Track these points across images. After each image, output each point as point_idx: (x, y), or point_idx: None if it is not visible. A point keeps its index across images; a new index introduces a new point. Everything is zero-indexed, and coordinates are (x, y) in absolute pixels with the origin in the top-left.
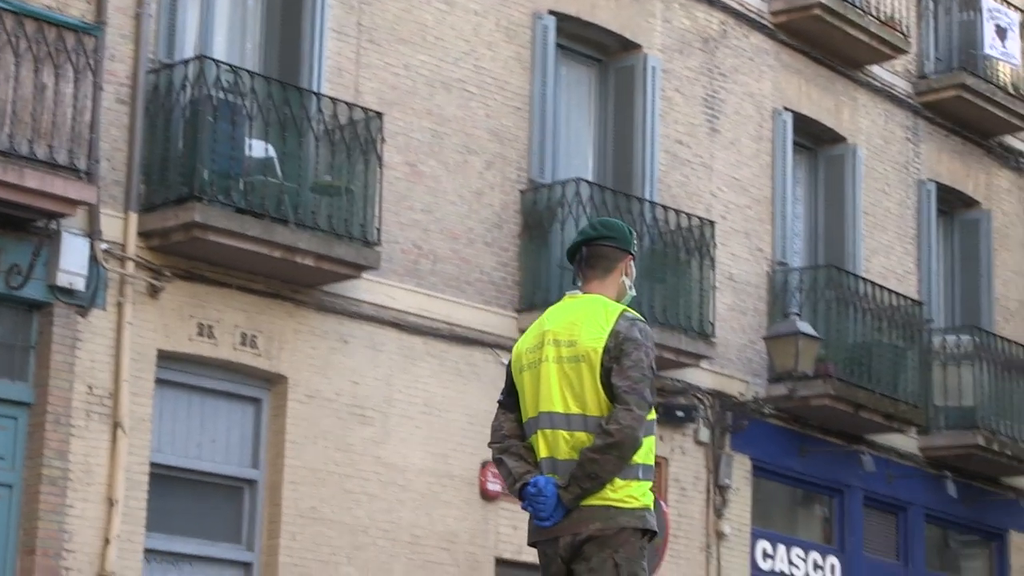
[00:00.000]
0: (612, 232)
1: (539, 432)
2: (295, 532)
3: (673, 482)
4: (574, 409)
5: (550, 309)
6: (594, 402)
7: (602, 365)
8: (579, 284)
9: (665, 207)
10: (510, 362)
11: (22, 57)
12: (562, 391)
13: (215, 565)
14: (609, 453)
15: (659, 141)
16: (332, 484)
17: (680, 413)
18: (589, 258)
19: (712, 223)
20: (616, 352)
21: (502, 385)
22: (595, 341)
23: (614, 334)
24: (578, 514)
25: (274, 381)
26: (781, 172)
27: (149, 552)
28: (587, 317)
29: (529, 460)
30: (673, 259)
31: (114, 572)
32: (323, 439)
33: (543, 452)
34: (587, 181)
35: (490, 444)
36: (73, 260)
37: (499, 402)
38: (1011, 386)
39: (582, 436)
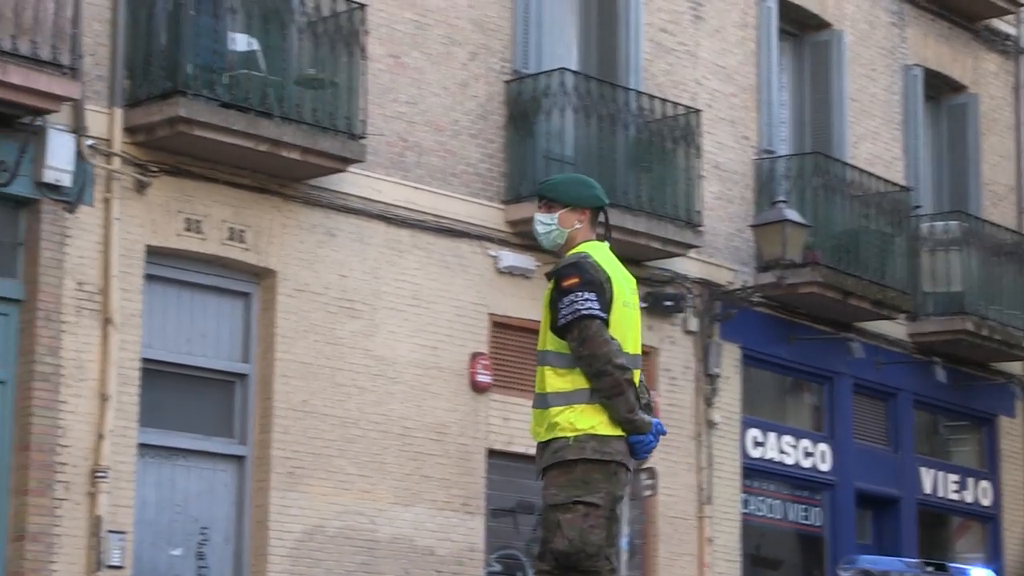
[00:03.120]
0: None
1: (635, 371)
2: (287, 426)
3: (663, 372)
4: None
5: (600, 250)
6: None
7: None
8: (597, 236)
9: (650, 96)
10: (610, 283)
11: None
12: (638, 339)
13: (208, 459)
14: None
15: (643, 29)
16: (322, 377)
17: (668, 303)
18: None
19: (698, 111)
20: None
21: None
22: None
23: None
24: None
25: (263, 275)
26: (766, 59)
27: (142, 447)
28: (627, 274)
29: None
30: (659, 148)
31: (108, 467)
32: (312, 333)
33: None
34: (571, 71)
35: (620, 364)
36: (59, 156)
37: (604, 319)
38: (999, 271)
39: None
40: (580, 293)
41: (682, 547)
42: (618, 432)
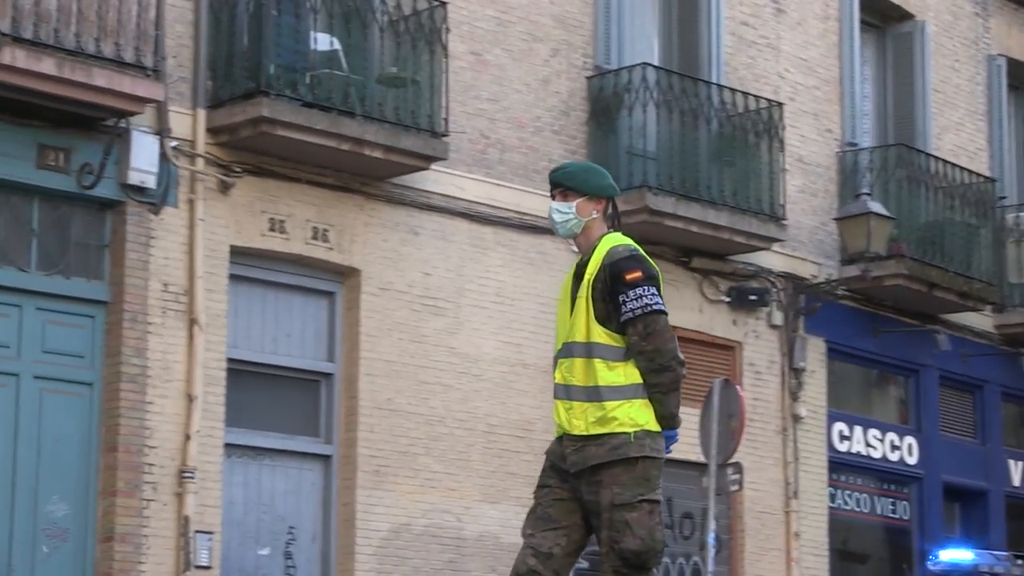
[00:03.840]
0: None
1: None
2: (372, 424)
3: (748, 366)
4: None
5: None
6: None
7: None
8: (614, 227)
9: (732, 90)
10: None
11: None
12: None
13: (294, 458)
14: None
15: (724, 23)
16: (407, 376)
17: (753, 297)
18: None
19: (780, 105)
20: None
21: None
22: None
23: None
24: None
25: (347, 274)
26: (849, 51)
27: (228, 447)
28: None
29: None
30: (741, 142)
31: (195, 467)
32: (397, 331)
33: None
34: (653, 66)
35: (682, 359)
36: (143, 158)
37: (667, 314)
38: None
39: None
40: (646, 287)
41: (769, 542)
42: (658, 428)
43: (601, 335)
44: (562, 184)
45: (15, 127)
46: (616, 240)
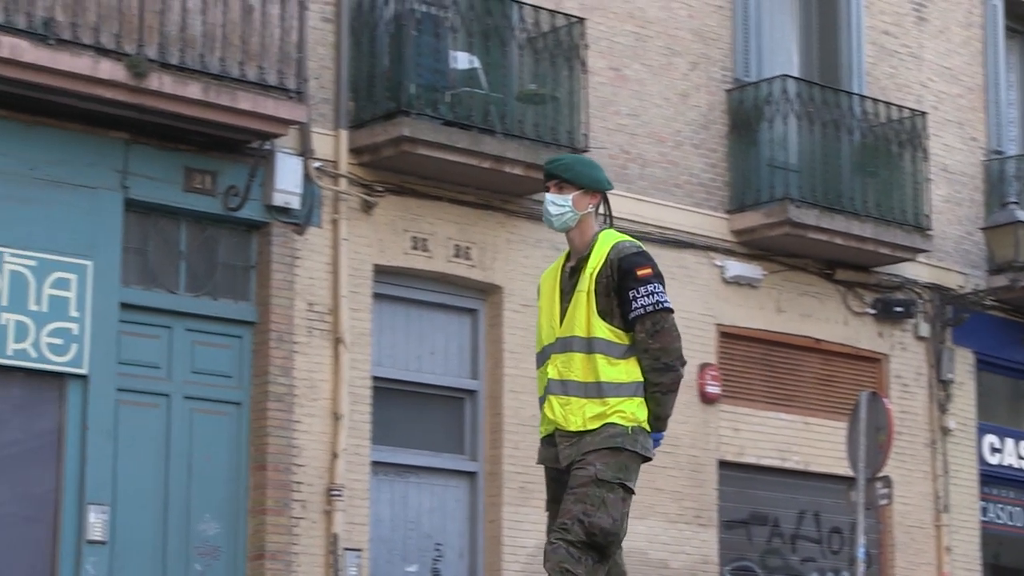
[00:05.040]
0: None
1: None
2: (517, 441)
3: (895, 378)
4: None
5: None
6: None
7: None
8: (607, 224)
9: (874, 100)
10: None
11: None
12: None
13: (440, 476)
14: None
15: (865, 32)
16: None
17: (898, 308)
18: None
19: (924, 114)
20: None
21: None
22: None
23: None
24: None
25: (489, 291)
26: (993, 58)
27: (375, 464)
28: None
29: None
30: (884, 152)
31: (342, 485)
32: None
33: None
34: (793, 77)
35: (684, 361)
36: (288, 179)
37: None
38: None
39: None
40: (656, 284)
41: (920, 556)
42: (649, 429)
43: (603, 330)
44: (558, 176)
45: (163, 151)
46: (619, 236)
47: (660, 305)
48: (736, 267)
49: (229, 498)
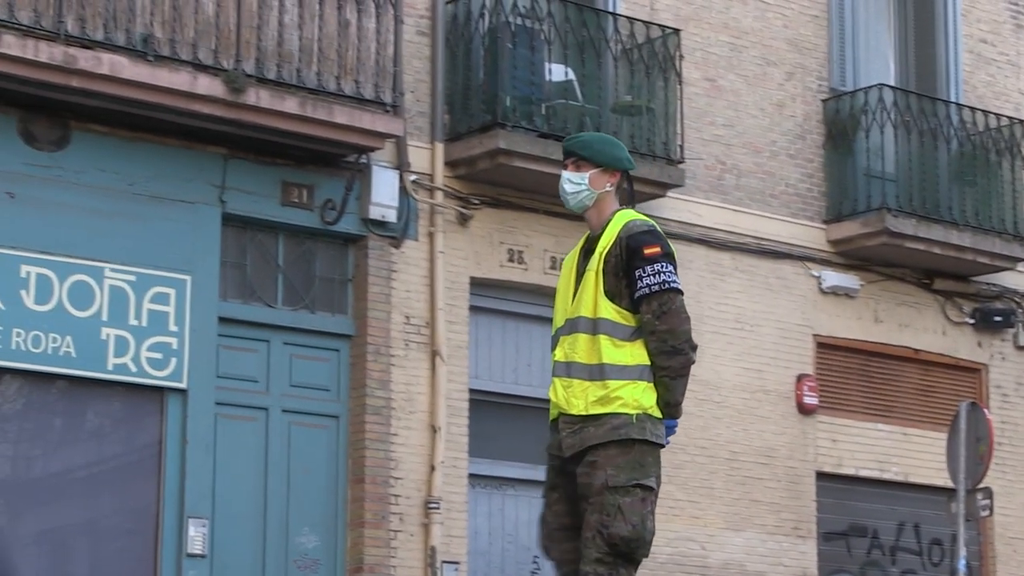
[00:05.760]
0: None
1: None
2: None
3: (995, 388)
4: None
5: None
6: None
7: None
8: (629, 204)
9: (972, 108)
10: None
11: None
12: None
13: (537, 488)
14: None
15: (962, 41)
16: None
17: (998, 318)
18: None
19: (1022, 122)
20: None
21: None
22: None
23: None
24: None
25: None
26: None
27: (472, 477)
28: None
29: None
30: (983, 161)
31: (440, 498)
32: None
33: None
34: (890, 86)
35: (695, 344)
36: (384, 192)
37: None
38: None
39: None
40: (664, 264)
41: (1021, 568)
42: (659, 414)
43: (609, 311)
44: (575, 153)
45: (260, 165)
46: (632, 215)
47: (667, 285)
48: (833, 277)
49: (327, 511)
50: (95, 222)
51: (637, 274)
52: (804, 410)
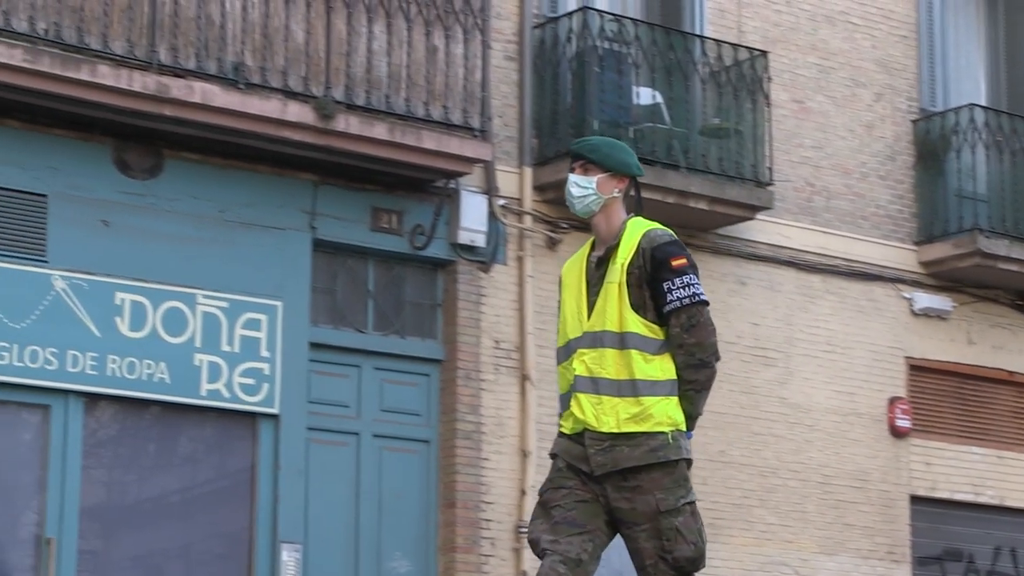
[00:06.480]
0: None
1: None
2: (705, 477)
3: None
4: None
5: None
6: None
7: None
8: (637, 213)
9: None
10: None
11: (413, 21)
12: None
13: None
14: None
15: None
16: (739, 427)
17: None
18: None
19: None
20: None
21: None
22: None
23: None
24: None
25: None
26: None
27: None
28: None
29: None
30: None
31: None
32: (727, 382)
33: None
34: (981, 106)
35: (719, 357)
36: (473, 217)
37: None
38: None
39: None
40: (692, 276)
41: None
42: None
43: (637, 324)
44: (583, 156)
45: (350, 191)
46: (649, 224)
47: (696, 298)
48: (925, 299)
49: (419, 536)
50: (188, 249)
51: (666, 287)
52: (897, 433)
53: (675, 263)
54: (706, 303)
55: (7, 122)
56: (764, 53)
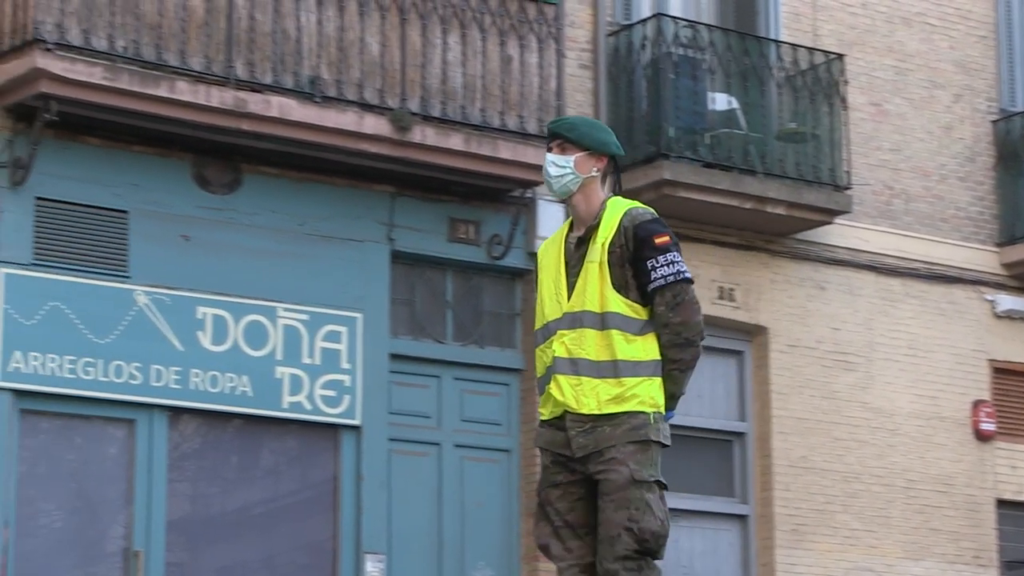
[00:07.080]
0: None
1: None
2: (788, 483)
3: None
4: None
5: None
6: None
7: None
8: (616, 193)
9: None
10: None
11: (488, 32)
12: None
13: (711, 519)
14: None
15: None
16: (820, 432)
17: None
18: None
19: None
20: None
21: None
22: None
23: None
24: None
25: (754, 332)
26: None
27: None
28: None
29: None
30: None
31: None
32: (808, 388)
33: None
34: None
35: (704, 336)
36: (549, 226)
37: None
38: None
39: None
40: (675, 253)
41: None
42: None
43: (619, 304)
44: (561, 135)
45: (427, 202)
46: (630, 203)
47: (681, 275)
48: (1008, 301)
49: (502, 544)
50: (267, 262)
51: (650, 264)
52: (981, 436)
53: (658, 240)
54: (691, 280)
55: (88, 140)
56: (840, 56)
